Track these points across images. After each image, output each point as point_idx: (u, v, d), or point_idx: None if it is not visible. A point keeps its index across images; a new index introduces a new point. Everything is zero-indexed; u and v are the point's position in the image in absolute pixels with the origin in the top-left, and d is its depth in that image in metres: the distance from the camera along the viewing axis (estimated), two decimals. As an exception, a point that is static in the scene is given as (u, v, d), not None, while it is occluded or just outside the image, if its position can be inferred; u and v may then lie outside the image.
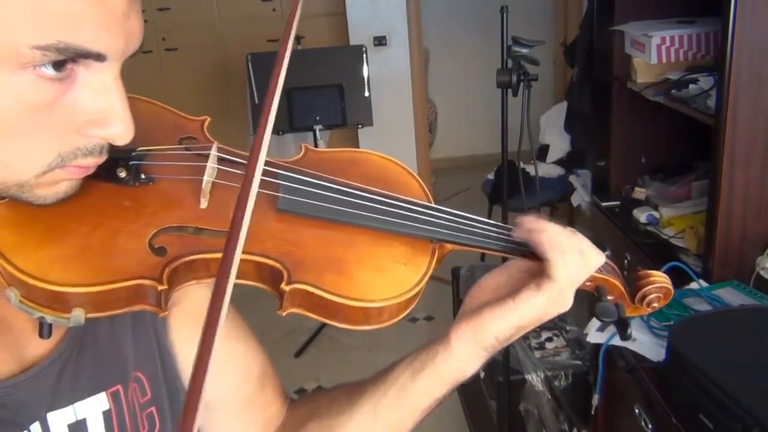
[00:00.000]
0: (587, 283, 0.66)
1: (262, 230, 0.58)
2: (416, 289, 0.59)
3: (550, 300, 0.62)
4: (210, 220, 0.57)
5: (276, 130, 3.07)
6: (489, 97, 3.00)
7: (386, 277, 0.59)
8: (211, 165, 0.60)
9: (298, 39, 3.99)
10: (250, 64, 3.03)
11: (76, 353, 0.62)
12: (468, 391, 2.50)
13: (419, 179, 0.68)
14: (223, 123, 2.99)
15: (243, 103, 3.57)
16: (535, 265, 0.64)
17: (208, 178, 0.58)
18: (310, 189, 0.60)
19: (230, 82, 4.19)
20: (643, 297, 0.70)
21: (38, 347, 0.60)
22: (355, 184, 0.63)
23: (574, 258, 0.62)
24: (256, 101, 3.07)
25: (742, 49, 1.49)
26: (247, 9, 4.28)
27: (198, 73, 4.37)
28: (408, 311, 0.60)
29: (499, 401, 2.03)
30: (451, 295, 2.82)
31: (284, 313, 0.57)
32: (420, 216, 0.62)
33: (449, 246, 0.64)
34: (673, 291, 0.71)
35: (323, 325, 3.17)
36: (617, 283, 0.69)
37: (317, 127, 3.08)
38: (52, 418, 0.59)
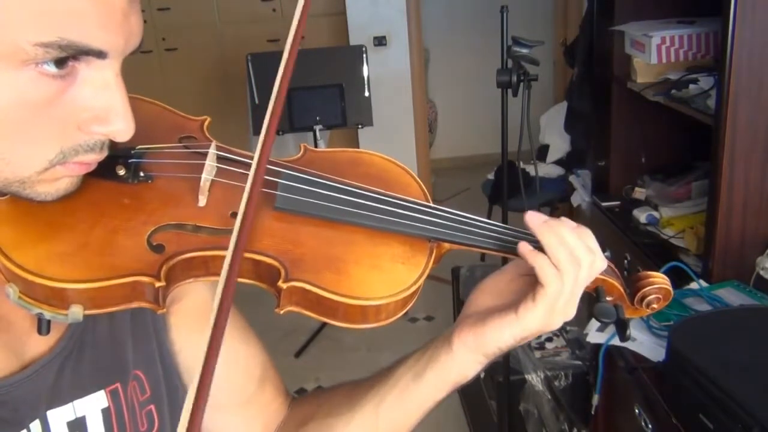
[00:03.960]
0: None
1: (260, 228, 0.58)
2: (413, 288, 0.59)
3: (549, 310, 0.61)
4: (208, 218, 0.57)
5: (276, 130, 3.06)
6: (489, 97, 2.99)
7: (384, 276, 0.59)
8: (210, 163, 0.60)
9: (298, 39, 3.98)
10: (250, 64, 3.03)
11: (75, 351, 0.62)
12: (468, 391, 2.50)
13: (418, 179, 0.68)
14: (222, 123, 2.98)
15: (243, 103, 3.56)
16: None
17: (206, 176, 0.59)
18: (308, 188, 0.60)
19: (230, 82, 4.19)
20: (643, 298, 0.69)
21: (38, 345, 0.60)
22: (354, 183, 0.63)
23: (569, 263, 0.61)
24: (256, 101, 3.07)
25: (742, 49, 1.48)
26: (247, 9, 4.28)
27: (198, 73, 4.37)
28: (406, 309, 0.61)
29: (499, 401, 2.03)
30: (451, 295, 2.82)
31: (282, 311, 0.57)
32: (418, 215, 0.62)
33: (447, 245, 0.64)
34: (672, 292, 0.70)
35: (323, 325, 3.16)
36: (616, 283, 0.69)
37: (317, 127, 3.08)
38: (51, 415, 0.59)
